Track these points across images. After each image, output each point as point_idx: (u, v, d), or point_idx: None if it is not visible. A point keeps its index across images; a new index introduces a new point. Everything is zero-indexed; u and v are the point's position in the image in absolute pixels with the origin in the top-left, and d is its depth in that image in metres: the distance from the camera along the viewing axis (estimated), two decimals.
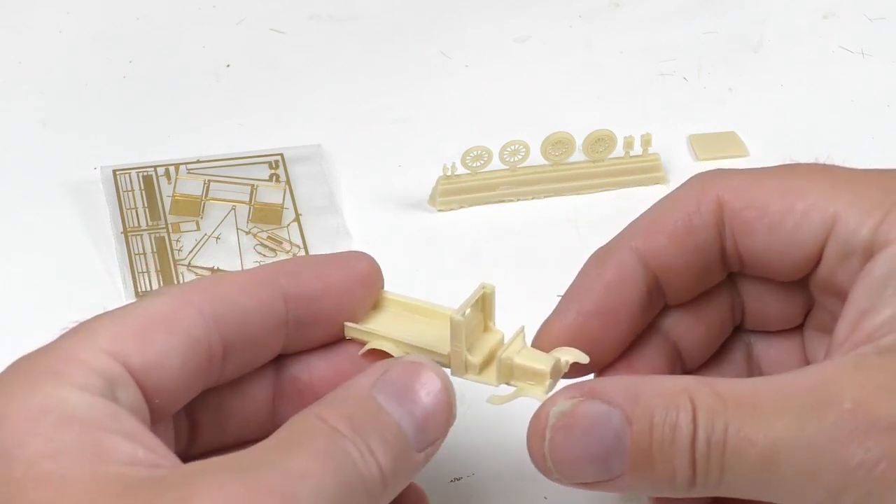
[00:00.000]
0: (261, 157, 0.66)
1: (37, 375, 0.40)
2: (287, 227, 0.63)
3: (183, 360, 0.42)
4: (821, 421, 0.40)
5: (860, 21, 0.76)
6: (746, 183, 0.45)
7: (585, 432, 0.42)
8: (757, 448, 0.40)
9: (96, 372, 0.40)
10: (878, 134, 0.69)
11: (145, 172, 0.65)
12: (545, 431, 0.42)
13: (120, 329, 0.42)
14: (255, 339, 0.44)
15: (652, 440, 0.41)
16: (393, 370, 0.43)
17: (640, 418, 0.41)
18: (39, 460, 0.38)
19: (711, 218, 0.45)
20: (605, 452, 0.41)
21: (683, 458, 0.41)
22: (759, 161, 0.68)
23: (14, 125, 0.68)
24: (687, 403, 0.41)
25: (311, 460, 0.39)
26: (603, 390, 0.42)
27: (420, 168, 0.66)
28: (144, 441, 0.40)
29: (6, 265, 0.62)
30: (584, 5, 0.76)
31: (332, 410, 0.41)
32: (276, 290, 0.45)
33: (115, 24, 0.74)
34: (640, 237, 0.46)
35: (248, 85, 0.71)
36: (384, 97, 0.71)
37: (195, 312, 0.43)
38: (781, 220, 0.44)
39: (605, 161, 0.65)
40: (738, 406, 0.40)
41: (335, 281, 0.46)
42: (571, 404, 0.42)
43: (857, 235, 0.43)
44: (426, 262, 0.62)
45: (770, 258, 0.45)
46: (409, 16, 0.75)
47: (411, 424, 0.42)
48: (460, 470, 0.54)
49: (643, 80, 0.72)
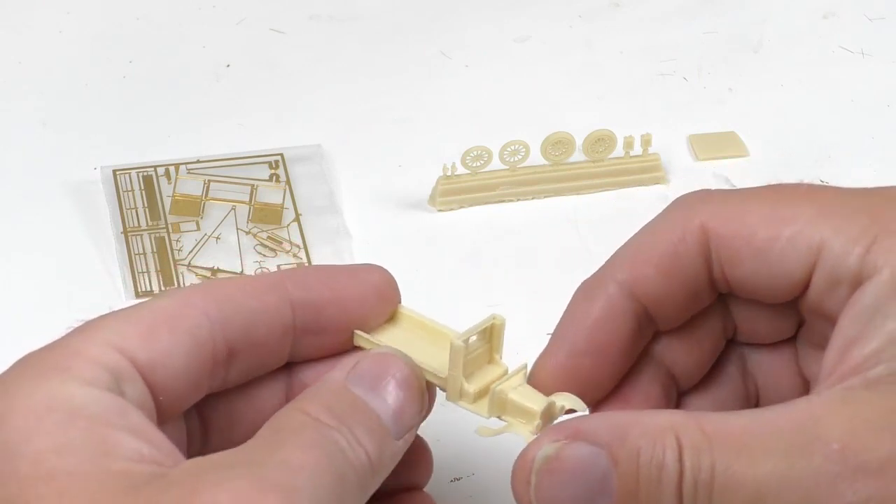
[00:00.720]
0: (261, 157, 0.66)
1: (43, 371, 0.40)
2: (287, 227, 0.63)
3: (187, 359, 0.42)
4: (808, 462, 0.39)
5: (860, 21, 0.76)
6: (731, 209, 0.45)
7: (572, 476, 0.41)
8: (745, 489, 0.39)
9: (103, 366, 0.40)
10: (878, 134, 0.69)
11: (145, 172, 0.65)
12: (530, 476, 0.42)
13: (125, 326, 0.42)
14: (261, 343, 0.44)
15: (639, 481, 0.40)
16: (363, 362, 0.44)
17: (626, 459, 0.40)
18: (45, 456, 0.38)
19: (697, 246, 0.45)
20: (591, 494, 0.41)
21: (670, 498, 0.40)
22: (759, 161, 0.68)
23: (14, 125, 0.68)
24: (673, 442, 0.40)
25: (305, 453, 0.40)
26: (588, 430, 0.41)
27: (420, 168, 0.66)
28: (150, 437, 0.40)
29: (6, 265, 0.62)
30: (584, 5, 0.76)
31: (312, 404, 0.42)
32: (283, 295, 0.45)
33: (115, 24, 0.74)
34: (626, 269, 0.45)
35: (248, 85, 0.71)
36: (384, 97, 0.71)
37: (200, 313, 0.43)
38: (768, 248, 0.44)
39: (605, 161, 0.65)
40: (724, 445, 0.40)
41: (345, 290, 0.46)
42: (556, 448, 0.41)
43: (844, 264, 0.42)
44: (426, 262, 0.62)
45: (758, 285, 0.45)
46: (409, 16, 0.75)
47: (387, 413, 0.43)
48: (460, 470, 0.54)
49: (643, 80, 0.72)
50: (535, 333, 0.49)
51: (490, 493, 0.53)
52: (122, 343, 0.41)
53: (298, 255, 0.62)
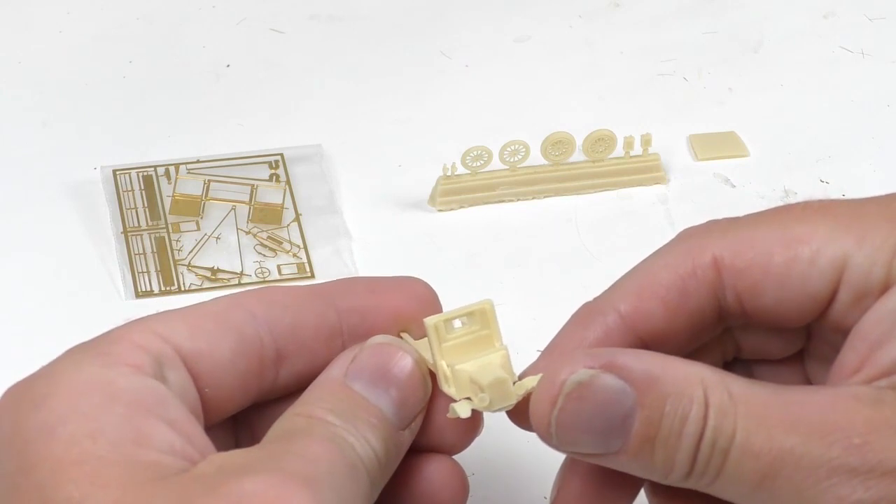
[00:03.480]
0: (261, 157, 0.66)
1: (87, 356, 0.41)
2: (287, 227, 0.63)
3: (233, 354, 0.42)
4: (827, 450, 0.39)
5: (860, 21, 0.76)
6: (742, 237, 0.44)
7: (597, 408, 0.41)
8: (759, 462, 0.40)
9: (145, 350, 0.41)
10: (878, 134, 0.69)
11: (145, 172, 0.65)
12: (557, 398, 0.41)
13: (171, 318, 0.42)
14: (308, 345, 0.44)
15: (659, 429, 0.40)
16: (362, 356, 0.43)
17: (652, 405, 0.40)
18: (79, 439, 0.38)
19: (707, 282, 0.44)
20: (610, 430, 0.41)
21: (686, 453, 0.40)
22: (759, 161, 0.68)
23: (14, 125, 0.68)
24: (701, 397, 0.40)
25: (319, 446, 0.40)
26: (622, 365, 0.41)
27: (420, 168, 0.66)
28: (185, 430, 0.40)
29: (6, 265, 0.62)
30: (584, 5, 0.76)
31: (314, 407, 0.42)
32: (328, 300, 0.45)
33: (115, 24, 0.74)
34: (629, 301, 0.44)
35: (248, 85, 0.71)
36: (384, 97, 0.71)
37: (246, 312, 0.43)
38: (788, 273, 0.43)
39: (605, 161, 0.65)
40: (748, 413, 0.40)
41: (389, 299, 0.45)
42: (589, 375, 0.41)
43: (871, 275, 0.42)
44: (426, 262, 0.62)
45: (780, 311, 0.44)
46: (409, 16, 0.75)
47: (390, 405, 0.42)
48: None
49: (643, 80, 0.72)
50: (535, 333, 0.49)
51: (490, 493, 0.53)
52: (166, 331, 0.42)
53: (298, 255, 0.62)
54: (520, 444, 0.50)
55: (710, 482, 0.41)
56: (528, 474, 0.53)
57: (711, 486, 0.41)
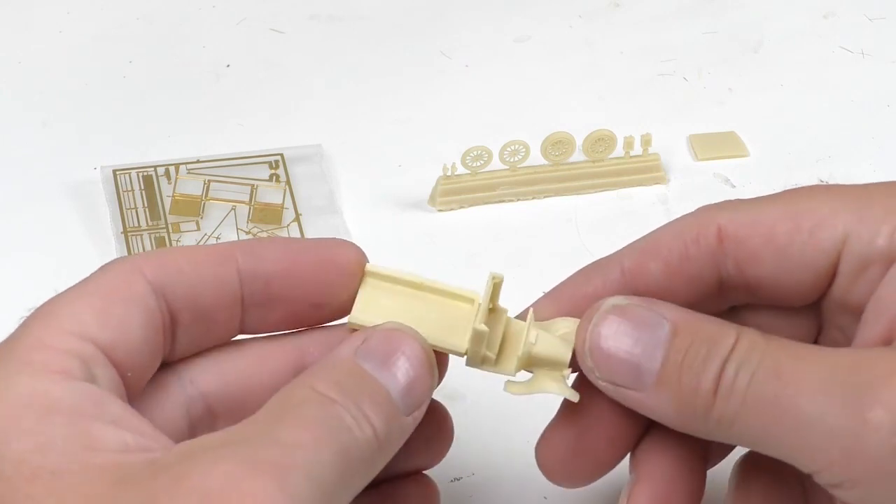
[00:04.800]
0: (261, 157, 0.66)
1: (11, 368, 0.40)
2: (287, 227, 0.63)
3: (143, 331, 0.42)
4: (856, 377, 0.39)
5: (860, 21, 0.76)
6: (749, 212, 0.44)
7: (631, 328, 0.42)
8: (784, 387, 0.40)
9: (70, 354, 0.40)
10: (878, 134, 0.69)
11: (145, 172, 0.65)
12: (594, 316, 0.43)
13: (79, 308, 0.41)
14: (206, 313, 0.44)
15: (687, 353, 0.41)
16: (372, 338, 0.43)
17: (684, 331, 0.42)
18: (27, 456, 0.38)
19: (708, 250, 0.44)
20: (644, 354, 0.42)
21: (710, 375, 0.41)
22: (759, 161, 0.68)
23: (14, 125, 0.68)
24: (733, 333, 0.41)
25: (304, 430, 0.39)
26: (660, 304, 0.43)
27: (420, 168, 0.66)
28: (132, 425, 0.39)
29: (6, 265, 0.62)
30: (584, 5, 0.76)
31: (319, 379, 0.41)
32: (231, 264, 0.44)
33: (115, 24, 0.74)
34: (633, 258, 0.45)
35: (248, 85, 0.71)
36: (384, 97, 0.71)
37: (145, 281, 0.42)
38: (789, 243, 0.43)
39: (605, 161, 0.65)
40: (779, 348, 0.41)
41: (297, 264, 0.45)
42: (628, 302, 0.43)
43: (873, 244, 0.42)
44: (426, 262, 0.62)
45: (781, 284, 0.44)
46: (409, 16, 0.75)
47: (397, 389, 0.42)
48: (460, 470, 0.54)
49: (643, 80, 0.72)
50: None
51: (490, 493, 0.53)
52: (81, 328, 0.41)
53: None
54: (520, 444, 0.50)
55: (732, 416, 0.41)
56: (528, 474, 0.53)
57: (734, 425, 0.41)
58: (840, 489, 0.40)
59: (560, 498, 0.52)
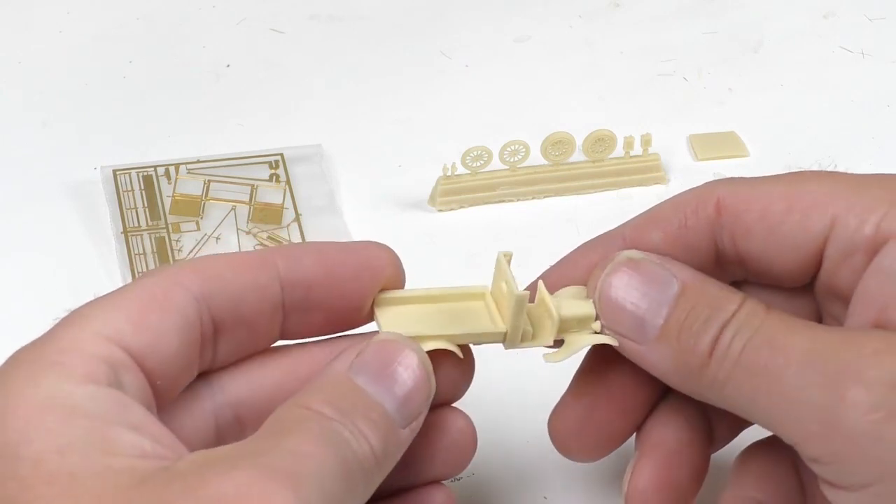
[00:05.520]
0: (261, 157, 0.66)
1: (39, 368, 0.40)
2: (287, 227, 0.63)
3: (179, 341, 0.42)
4: (844, 353, 0.40)
5: (860, 21, 0.76)
6: (748, 188, 0.45)
7: (641, 281, 0.44)
8: (774, 357, 0.41)
9: (98, 359, 0.40)
10: (878, 134, 0.69)
11: (145, 172, 0.65)
12: (609, 266, 0.44)
13: (114, 313, 0.41)
14: (248, 321, 0.44)
15: (690, 313, 0.42)
16: (367, 351, 0.43)
17: (691, 291, 0.43)
18: (47, 457, 0.38)
19: (706, 221, 0.45)
20: (646, 312, 0.43)
21: (708, 337, 0.42)
22: (759, 161, 0.68)
23: (14, 125, 0.68)
24: (737, 300, 0.43)
25: (310, 442, 0.39)
26: (673, 263, 0.44)
27: (420, 168, 0.66)
28: (151, 432, 0.40)
29: (6, 265, 0.62)
30: (584, 5, 0.76)
31: (313, 398, 0.41)
32: (272, 271, 0.44)
33: (115, 24, 0.74)
34: (633, 229, 0.46)
35: (248, 85, 0.71)
36: (384, 97, 0.71)
37: (186, 291, 0.42)
38: (781, 222, 0.44)
39: (605, 161, 0.65)
40: (778, 320, 0.42)
41: (337, 268, 0.45)
42: (643, 256, 0.44)
43: (859, 232, 0.43)
44: (426, 262, 0.62)
45: (770, 260, 0.45)
46: (409, 16, 0.76)
47: (393, 402, 0.42)
48: None
49: (643, 80, 0.72)
50: None
51: (490, 493, 0.53)
52: (114, 332, 0.41)
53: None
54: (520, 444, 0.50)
55: (726, 376, 0.42)
56: (528, 474, 0.53)
57: (727, 386, 0.42)
58: (818, 464, 0.41)
59: (560, 498, 0.52)
